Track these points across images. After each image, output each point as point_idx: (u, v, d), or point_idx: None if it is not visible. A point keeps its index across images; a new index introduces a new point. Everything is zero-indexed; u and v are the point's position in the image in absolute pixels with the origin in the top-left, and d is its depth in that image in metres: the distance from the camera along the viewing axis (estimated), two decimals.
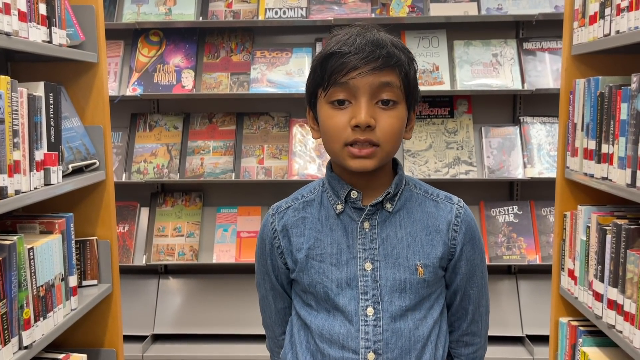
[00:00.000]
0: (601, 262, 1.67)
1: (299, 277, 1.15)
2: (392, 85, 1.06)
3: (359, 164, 1.07)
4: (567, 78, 1.90)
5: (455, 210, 1.17)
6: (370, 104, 1.05)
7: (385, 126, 1.06)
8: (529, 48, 3.02)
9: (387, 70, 1.05)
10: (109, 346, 2.03)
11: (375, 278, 1.11)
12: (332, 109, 1.07)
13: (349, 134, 1.06)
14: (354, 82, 1.04)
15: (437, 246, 1.14)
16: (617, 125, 1.58)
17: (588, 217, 1.77)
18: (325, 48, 1.09)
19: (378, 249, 1.12)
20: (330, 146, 1.10)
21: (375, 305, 1.11)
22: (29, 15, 1.57)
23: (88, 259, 1.96)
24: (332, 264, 1.12)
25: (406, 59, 1.08)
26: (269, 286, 1.21)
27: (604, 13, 1.67)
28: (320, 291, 1.12)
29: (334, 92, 1.06)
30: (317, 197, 1.17)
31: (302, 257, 1.14)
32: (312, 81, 1.11)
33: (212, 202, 3.20)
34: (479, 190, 3.16)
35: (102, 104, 1.97)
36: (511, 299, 3.08)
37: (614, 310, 1.59)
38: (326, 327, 1.12)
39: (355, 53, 1.04)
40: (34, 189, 1.56)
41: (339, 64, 1.05)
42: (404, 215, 1.15)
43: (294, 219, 1.16)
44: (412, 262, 1.12)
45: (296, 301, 1.19)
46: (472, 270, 1.18)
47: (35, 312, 1.56)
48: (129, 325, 3.03)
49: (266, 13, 2.99)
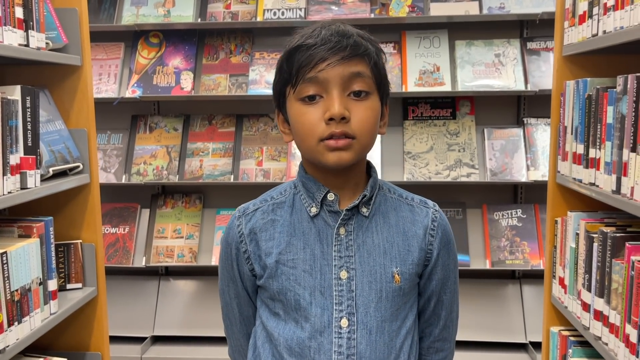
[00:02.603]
0: (588, 270, 1.61)
1: (268, 283, 1.09)
2: (362, 75, 1.02)
3: (337, 157, 1.02)
4: (558, 79, 1.84)
5: (431, 214, 1.12)
6: (342, 96, 1.01)
7: (360, 117, 1.02)
8: (532, 48, 2.94)
9: (356, 59, 1.01)
10: (94, 349, 2.03)
11: (350, 287, 1.06)
12: (303, 105, 1.03)
13: (323, 128, 1.01)
14: (324, 74, 1.00)
15: (413, 252, 1.09)
16: (604, 129, 1.52)
17: (577, 224, 1.71)
18: (289, 43, 1.05)
19: (354, 256, 1.07)
20: (304, 144, 1.05)
21: (350, 317, 1.05)
22: (4, 18, 1.57)
23: (72, 262, 1.96)
24: (304, 270, 1.06)
25: (374, 49, 1.05)
26: (234, 293, 1.16)
27: (592, 12, 1.60)
28: (291, 299, 1.06)
29: (304, 88, 1.02)
30: (288, 200, 1.12)
31: (271, 262, 1.08)
32: (279, 80, 1.07)
33: (212, 204, 3.19)
34: (482, 193, 3.09)
35: (87, 107, 1.96)
36: (515, 305, 3.01)
37: (600, 321, 1.53)
38: (295, 340, 1.06)
39: (322, 44, 1.00)
40: (7, 192, 1.55)
41: (306, 56, 1.01)
42: (379, 221, 1.10)
43: (262, 222, 1.11)
44: (388, 270, 1.07)
45: (262, 310, 1.12)
46: (446, 276, 1.14)
47: (9, 317, 1.56)
48: (128, 327, 3.05)
49: (265, 14, 2.96)
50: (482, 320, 2.95)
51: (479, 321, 2.94)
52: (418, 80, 2.94)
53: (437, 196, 3.20)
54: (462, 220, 3.02)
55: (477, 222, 3.05)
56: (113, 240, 3.10)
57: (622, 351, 1.40)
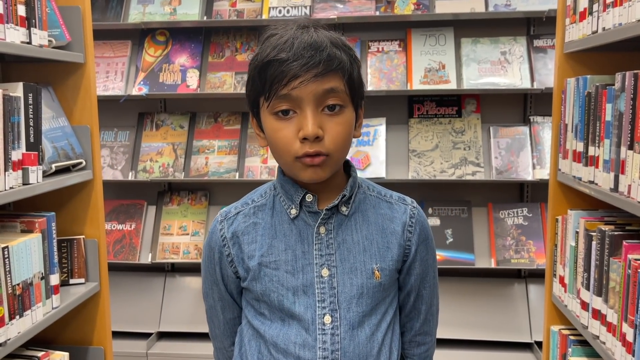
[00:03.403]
0: (587, 269, 1.60)
1: (252, 285, 1.11)
2: (336, 90, 1.01)
3: (312, 175, 1.03)
4: (559, 77, 1.83)
5: (409, 211, 1.13)
6: (316, 113, 1.01)
7: (334, 134, 1.02)
8: (539, 45, 2.92)
9: (329, 75, 1.00)
10: (97, 344, 2.05)
11: (332, 285, 1.08)
12: (277, 121, 1.03)
13: (297, 147, 1.01)
14: (297, 92, 0.99)
15: (392, 248, 1.11)
16: (603, 127, 1.51)
17: (577, 222, 1.70)
18: (261, 53, 1.03)
19: (334, 254, 1.09)
20: (280, 160, 1.07)
21: (333, 313, 1.07)
22: (7, 16, 1.59)
23: (75, 257, 1.98)
24: (287, 271, 1.09)
25: (348, 58, 1.04)
26: (218, 296, 1.18)
27: (592, 9, 1.59)
28: (275, 300, 1.09)
29: (277, 104, 1.02)
30: (268, 202, 1.13)
31: (254, 264, 1.10)
32: (252, 89, 1.06)
33: (217, 201, 3.20)
34: (488, 191, 3.08)
35: (90, 104, 1.98)
36: (520, 304, 2.99)
37: (598, 320, 1.52)
38: (281, 337, 1.08)
39: (295, 60, 0.99)
40: (9, 188, 1.58)
41: (278, 72, 0.99)
42: (359, 218, 1.11)
43: (244, 225, 1.12)
44: (368, 266, 1.09)
45: (247, 310, 1.15)
46: (425, 271, 1.15)
47: (11, 310, 1.58)
48: (134, 323, 3.07)
49: (270, 12, 2.97)
50: (487, 320, 2.94)
51: (484, 320, 2.93)
52: (423, 78, 2.93)
53: (442, 194, 3.21)
54: (468, 218, 3.01)
55: (482, 220, 3.03)
56: (119, 236, 3.12)
57: (619, 350, 1.40)
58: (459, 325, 2.92)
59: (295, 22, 1.06)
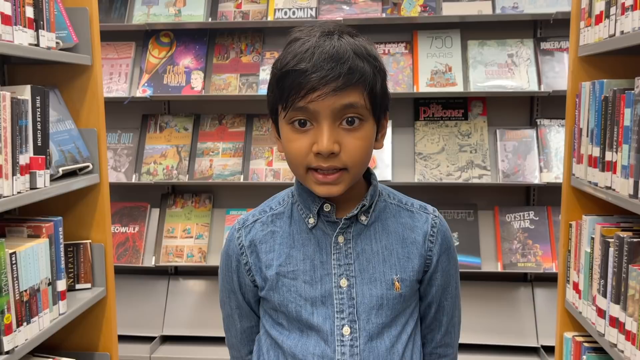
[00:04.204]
0: (604, 276, 1.57)
1: (269, 295, 1.09)
2: (355, 105, 0.98)
3: (326, 191, 1.01)
4: (573, 81, 1.81)
5: (431, 220, 1.11)
6: (332, 127, 0.97)
7: (351, 149, 0.98)
8: (546, 48, 2.90)
9: (349, 89, 0.96)
10: (103, 350, 2.02)
11: (351, 295, 1.06)
12: (293, 132, 1.00)
13: (311, 159, 0.99)
14: (314, 105, 0.96)
15: (413, 259, 1.08)
16: (621, 132, 1.49)
17: (593, 228, 1.68)
18: (282, 60, 1.00)
19: (353, 264, 1.06)
20: (294, 169, 1.04)
21: (352, 324, 1.05)
22: (14, 18, 1.56)
23: (81, 262, 1.95)
24: (305, 281, 1.06)
25: (371, 69, 1.00)
26: (235, 305, 1.15)
27: (609, 12, 1.57)
28: (293, 310, 1.06)
29: (294, 115, 0.98)
30: (286, 210, 1.11)
31: (272, 274, 1.08)
32: (272, 97, 1.03)
33: (221, 204, 3.18)
34: (494, 195, 3.06)
35: (97, 106, 1.96)
36: (527, 308, 2.97)
37: (616, 328, 1.50)
38: (299, 348, 1.06)
39: (314, 72, 0.95)
40: (17, 193, 1.55)
41: (296, 83, 0.96)
42: (378, 228, 1.09)
43: (262, 234, 1.10)
44: (388, 277, 1.07)
45: (265, 320, 1.12)
46: (447, 282, 1.12)
47: (18, 317, 1.55)
48: (137, 326, 3.04)
49: (275, 13, 2.95)
50: (493, 324, 2.92)
51: (490, 324, 2.91)
52: (430, 81, 2.91)
53: (448, 197, 3.19)
54: (474, 222, 2.99)
55: (488, 224, 3.01)
56: (123, 239, 3.09)
57: (638, 358, 1.37)
58: (465, 329, 2.86)
59: (321, 25, 1.02)
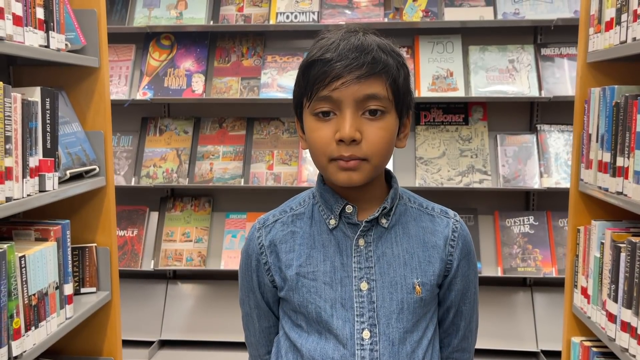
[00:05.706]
0: (615, 281, 1.58)
1: (289, 295, 1.08)
2: (378, 96, 0.99)
3: (346, 177, 1.01)
4: (582, 86, 1.82)
5: (452, 224, 1.11)
6: (355, 116, 0.99)
7: (373, 139, 1.00)
8: (547, 54, 2.93)
9: (372, 78, 0.99)
10: (107, 354, 2.00)
11: (371, 299, 1.05)
12: (317, 121, 1.02)
13: (333, 148, 1.00)
14: (337, 94, 0.98)
15: (434, 263, 1.08)
16: (633, 137, 1.50)
17: (602, 233, 1.69)
18: (308, 54, 1.03)
19: (374, 267, 1.06)
20: (316, 161, 1.05)
21: (372, 328, 1.04)
22: (25, 19, 1.54)
23: (87, 266, 1.93)
24: (325, 282, 1.06)
25: (395, 63, 1.01)
26: (254, 304, 1.15)
27: (620, 19, 1.59)
28: (312, 312, 1.06)
29: (318, 104, 1.01)
30: (307, 211, 1.11)
31: (292, 274, 1.07)
32: (297, 91, 1.06)
33: (221, 208, 3.16)
34: (494, 199, 3.07)
35: (104, 109, 1.94)
36: (526, 313, 2.99)
37: (628, 333, 1.51)
38: (318, 351, 1.05)
39: (338, 60, 0.98)
40: (27, 195, 1.53)
41: (321, 72, 0.99)
42: (399, 231, 1.09)
43: (282, 234, 1.10)
44: (409, 281, 1.06)
45: (284, 321, 1.12)
46: (466, 287, 1.12)
47: (26, 322, 1.53)
48: (135, 331, 3.01)
49: (277, 17, 2.94)
50: (493, 328, 2.93)
51: (490, 329, 2.92)
52: (431, 86, 2.92)
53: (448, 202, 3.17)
54: (474, 226, 3.00)
55: (488, 228, 3.03)
56: (121, 243, 3.07)
57: None
58: None
59: (347, 26, 1.05)
